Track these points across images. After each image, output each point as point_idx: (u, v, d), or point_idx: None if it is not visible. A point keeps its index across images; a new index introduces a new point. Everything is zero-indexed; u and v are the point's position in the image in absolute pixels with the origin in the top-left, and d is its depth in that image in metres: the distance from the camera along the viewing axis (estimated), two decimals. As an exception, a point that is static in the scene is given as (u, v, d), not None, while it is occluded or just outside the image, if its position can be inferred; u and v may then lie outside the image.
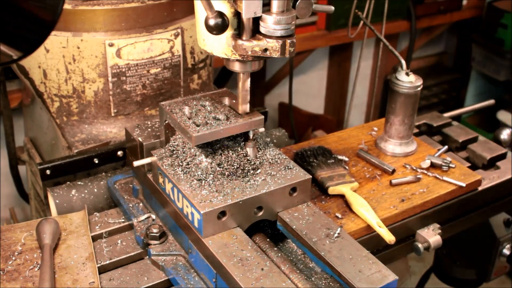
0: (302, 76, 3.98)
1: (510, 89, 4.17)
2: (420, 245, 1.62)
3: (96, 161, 1.73)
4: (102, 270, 1.42)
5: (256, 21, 1.29)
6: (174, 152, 1.48)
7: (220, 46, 1.33)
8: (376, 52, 4.05)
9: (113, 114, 1.82)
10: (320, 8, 1.43)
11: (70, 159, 1.70)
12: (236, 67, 1.39)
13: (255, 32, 1.30)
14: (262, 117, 1.44)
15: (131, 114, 1.84)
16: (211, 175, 1.40)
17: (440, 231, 1.64)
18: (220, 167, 1.42)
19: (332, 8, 1.45)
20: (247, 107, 1.45)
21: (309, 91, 4.07)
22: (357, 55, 4.01)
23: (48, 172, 1.67)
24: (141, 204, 1.60)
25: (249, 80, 1.43)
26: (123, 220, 1.58)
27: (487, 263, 1.98)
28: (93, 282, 1.36)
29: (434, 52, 4.68)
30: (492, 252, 1.95)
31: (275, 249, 1.40)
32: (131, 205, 1.59)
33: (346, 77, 4.12)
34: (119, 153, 1.75)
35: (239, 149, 1.46)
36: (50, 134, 1.95)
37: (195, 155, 1.44)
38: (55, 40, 1.70)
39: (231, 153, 1.44)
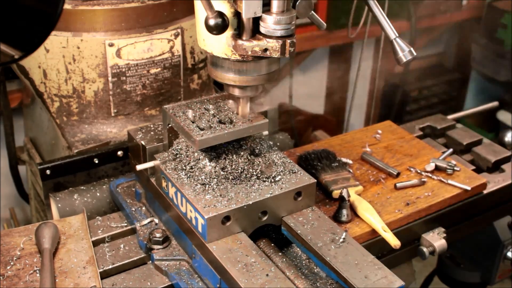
0: (302, 76, 3.97)
1: (510, 89, 4.16)
2: (425, 249, 1.62)
3: (96, 161, 1.73)
4: (105, 275, 1.41)
5: (256, 21, 1.28)
6: (178, 156, 1.46)
7: (220, 46, 1.33)
8: (376, 52, 4.04)
9: (113, 114, 1.81)
10: (315, 18, 1.45)
11: (70, 159, 1.70)
12: (236, 92, 1.39)
13: (255, 32, 1.30)
14: (267, 120, 1.43)
15: (131, 114, 1.83)
16: (215, 179, 1.39)
17: (445, 235, 1.63)
18: (224, 171, 1.40)
19: (324, 25, 1.47)
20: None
21: (309, 91, 4.06)
22: (357, 55, 3.99)
23: (48, 172, 1.67)
24: (143, 208, 1.59)
25: (248, 104, 1.44)
26: (125, 224, 1.57)
27: (491, 266, 1.98)
28: (95, 286, 1.34)
29: (434, 52, 4.66)
30: (496, 255, 1.95)
31: (280, 254, 1.38)
32: (133, 209, 1.59)
33: (346, 77, 4.10)
34: (119, 153, 1.75)
35: (243, 153, 1.44)
36: (50, 134, 1.95)
37: (199, 159, 1.43)
38: (55, 40, 1.69)
39: (235, 157, 1.42)
